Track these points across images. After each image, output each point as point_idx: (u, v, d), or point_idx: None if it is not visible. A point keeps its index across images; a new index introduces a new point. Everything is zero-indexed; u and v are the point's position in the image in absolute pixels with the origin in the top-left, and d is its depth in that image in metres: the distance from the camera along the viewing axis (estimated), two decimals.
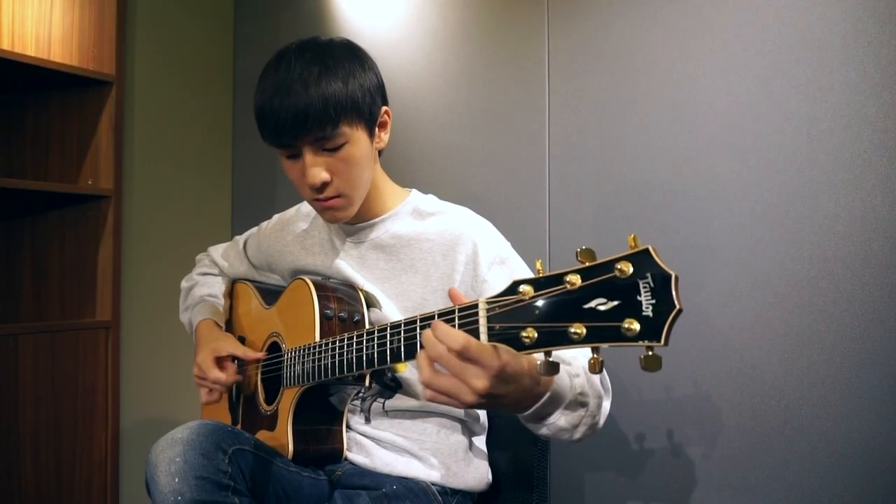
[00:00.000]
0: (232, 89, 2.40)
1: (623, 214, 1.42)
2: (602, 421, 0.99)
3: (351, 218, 1.19)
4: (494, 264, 1.13)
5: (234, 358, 1.26)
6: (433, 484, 1.14)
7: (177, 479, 0.90)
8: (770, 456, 1.23)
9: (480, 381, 0.78)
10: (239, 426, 1.29)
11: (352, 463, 1.17)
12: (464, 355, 0.77)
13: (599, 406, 0.98)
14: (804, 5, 1.21)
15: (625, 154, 1.43)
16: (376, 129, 1.16)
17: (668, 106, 1.37)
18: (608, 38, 1.46)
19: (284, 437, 1.12)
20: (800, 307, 1.20)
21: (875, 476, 1.13)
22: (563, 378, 0.92)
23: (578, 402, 0.94)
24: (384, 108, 1.17)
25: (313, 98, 1.04)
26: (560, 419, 0.93)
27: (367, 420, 1.18)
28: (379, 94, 1.15)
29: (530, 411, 0.89)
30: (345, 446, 1.17)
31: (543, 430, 0.94)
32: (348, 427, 1.18)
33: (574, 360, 1.00)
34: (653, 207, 1.38)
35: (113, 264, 2.01)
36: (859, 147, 1.15)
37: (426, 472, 1.15)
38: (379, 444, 1.17)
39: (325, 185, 1.10)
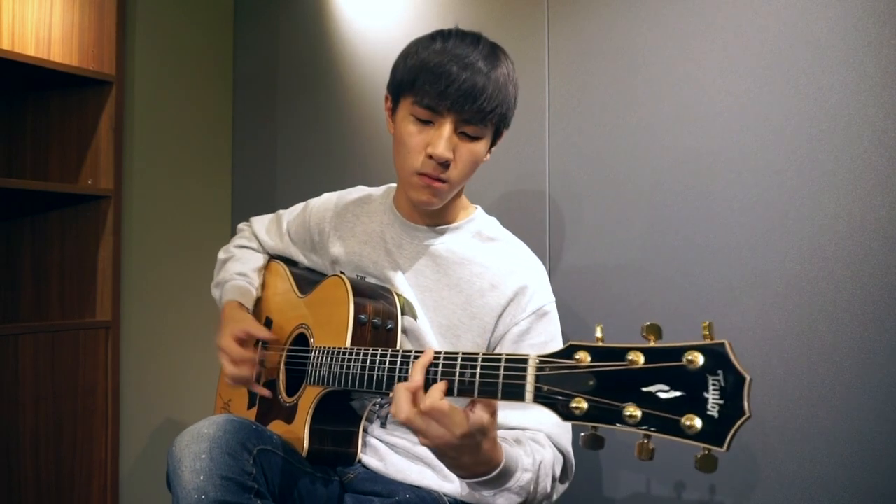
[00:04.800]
0: (232, 89, 2.40)
1: (623, 214, 1.42)
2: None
3: (417, 217, 1.19)
4: (535, 314, 1.13)
5: (256, 340, 1.24)
6: (446, 495, 1.12)
7: (202, 477, 0.89)
8: (770, 456, 1.23)
9: (441, 435, 0.84)
10: (255, 410, 1.28)
11: (365, 466, 1.16)
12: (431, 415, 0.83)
13: (542, 500, 1.01)
14: (804, 5, 1.21)
15: (625, 154, 1.43)
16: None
17: (668, 106, 1.36)
18: (608, 38, 1.46)
19: (301, 433, 1.11)
20: (800, 307, 1.20)
21: (875, 476, 1.13)
22: (513, 465, 0.94)
23: (516, 493, 0.96)
24: (505, 131, 1.17)
25: (490, 82, 1.04)
26: (491, 496, 0.95)
27: (383, 425, 1.17)
28: (512, 115, 1.15)
29: (466, 482, 0.93)
30: (359, 450, 1.16)
31: (476, 495, 0.98)
32: (364, 431, 1.17)
33: (536, 452, 1.00)
34: (653, 207, 1.38)
35: (113, 264, 2.01)
36: (859, 147, 1.15)
37: (439, 483, 1.13)
38: (393, 449, 1.16)
39: (446, 164, 1.08)
